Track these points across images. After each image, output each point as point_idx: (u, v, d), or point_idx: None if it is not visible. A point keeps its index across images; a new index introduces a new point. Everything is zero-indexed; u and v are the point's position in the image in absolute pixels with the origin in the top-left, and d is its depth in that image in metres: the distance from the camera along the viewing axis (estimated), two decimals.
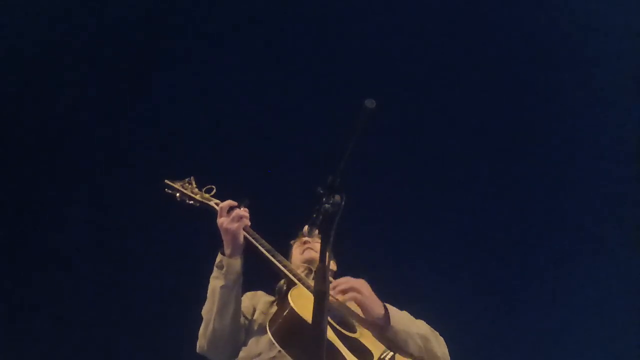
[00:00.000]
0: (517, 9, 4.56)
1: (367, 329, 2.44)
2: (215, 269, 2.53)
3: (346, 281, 2.40)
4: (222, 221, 2.51)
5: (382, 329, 2.39)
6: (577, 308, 4.35)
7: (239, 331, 2.55)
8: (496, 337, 4.25)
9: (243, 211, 2.55)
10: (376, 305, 2.39)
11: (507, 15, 4.57)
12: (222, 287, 2.47)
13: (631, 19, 4.43)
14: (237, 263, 2.51)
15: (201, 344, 2.54)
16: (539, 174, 4.66)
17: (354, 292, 2.36)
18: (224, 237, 2.52)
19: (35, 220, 4.55)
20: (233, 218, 2.51)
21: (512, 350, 4.25)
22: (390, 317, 2.38)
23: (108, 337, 4.27)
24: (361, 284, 2.40)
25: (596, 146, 4.61)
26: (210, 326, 2.49)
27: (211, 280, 2.53)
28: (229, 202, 2.58)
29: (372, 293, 2.42)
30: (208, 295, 2.53)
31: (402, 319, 2.44)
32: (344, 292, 2.35)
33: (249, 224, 2.56)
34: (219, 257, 2.53)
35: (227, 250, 2.51)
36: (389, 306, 2.43)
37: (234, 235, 2.50)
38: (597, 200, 4.56)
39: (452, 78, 4.66)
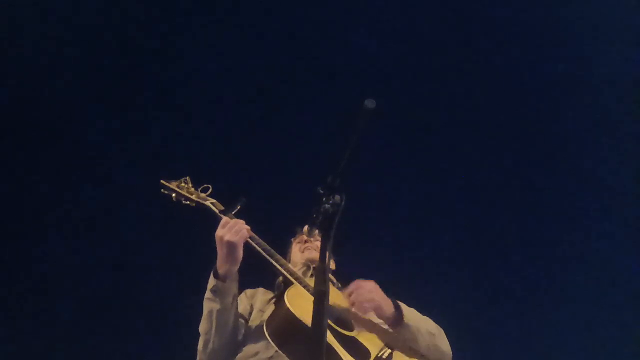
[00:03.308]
0: (518, 9, 4.56)
1: (377, 325, 2.45)
2: (209, 292, 2.41)
3: (357, 288, 2.39)
4: (223, 234, 2.38)
5: (395, 326, 2.42)
6: (578, 308, 4.36)
7: (238, 340, 2.53)
8: (497, 336, 4.26)
9: (244, 223, 2.46)
10: (388, 306, 2.42)
11: (507, 15, 4.58)
12: (219, 310, 2.39)
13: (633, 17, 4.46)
14: (233, 286, 2.42)
15: (201, 358, 2.51)
16: (541, 174, 4.66)
17: (368, 303, 2.36)
18: (222, 252, 2.38)
19: (34, 220, 4.53)
20: (235, 230, 2.39)
21: (513, 350, 4.26)
22: (404, 314, 2.41)
23: (107, 336, 4.26)
24: (371, 289, 2.41)
25: (598, 145, 4.62)
26: (210, 346, 2.45)
27: (206, 301, 2.43)
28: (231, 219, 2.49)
29: (383, 294, 2.43)
30: (204, 315, 2.45)
31: (413, 315, 2.47)
32: (359, 305, 2.35)
33: (248, 236, 2.48)
34: (213, 281, 2.40)
35: (225, 266, 2.38)
36: (399, 303, 2.46)
37: (235, 249, 2.37)
38: (598, 200, 4.57)
39: (452, 77, 4.65)
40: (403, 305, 2.46)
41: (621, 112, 4.59)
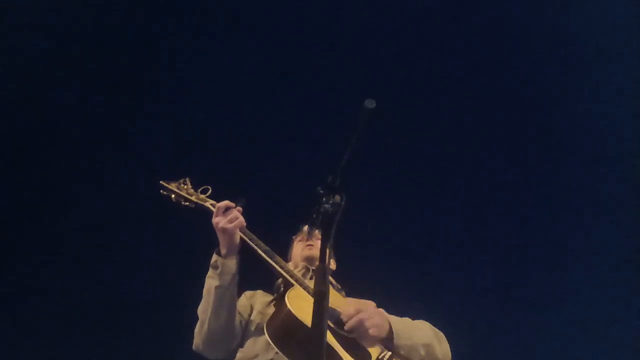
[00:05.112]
0: (519, 9, 4.57)
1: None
2: (210, 268, 2.53)
3: (355, 312, 2.35)
4: (218, 221, 2.51)
5: (386, 344, 2.39)
6: (578, 309, 4.36)
7: (235, 330, 2.56)
8: (497, 337, 4.26)
9: (239, 212, 2.55)
10: (382, 328, 2.38)
11: (507, 15, 4.58)
12: (217, 287, 2.47)
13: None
14: (232, 263, 2.50)
15: (196, 342, 2.57)
16: (540, 174, 4.66)
17: (362, 327, 2.33)
18: (219, 237, 2.52)
19: (34, 220, 4.53)
20: (229, 218, 2.51)
21: (513, 350, 4.26)
22: (395, 336, 2.37)
23: (106, 333, 4.27)
24: (367, 311, 2.37)
25: (597, 146, 4.62)
26: (206, 326, 2.51)
27: (207, 279, 2.53)
28: (226, 203, 2.57)
29: (378, 315, 2.40)
30: (203, 294, 2.54)
31: (405, 332, 2.42)
32: (353, 329, 2.32)
33: (245, 224, 2.56)
34: (214, 257, 2.52)
35: (223, 250, 2.51)
36: (392, 321, 2.42)
37: (229, 235, 2.50)
38: (598, 200, 4.57)
39: (453, 78, 4.65)
40: (395, 324, 2.41)
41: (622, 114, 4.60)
